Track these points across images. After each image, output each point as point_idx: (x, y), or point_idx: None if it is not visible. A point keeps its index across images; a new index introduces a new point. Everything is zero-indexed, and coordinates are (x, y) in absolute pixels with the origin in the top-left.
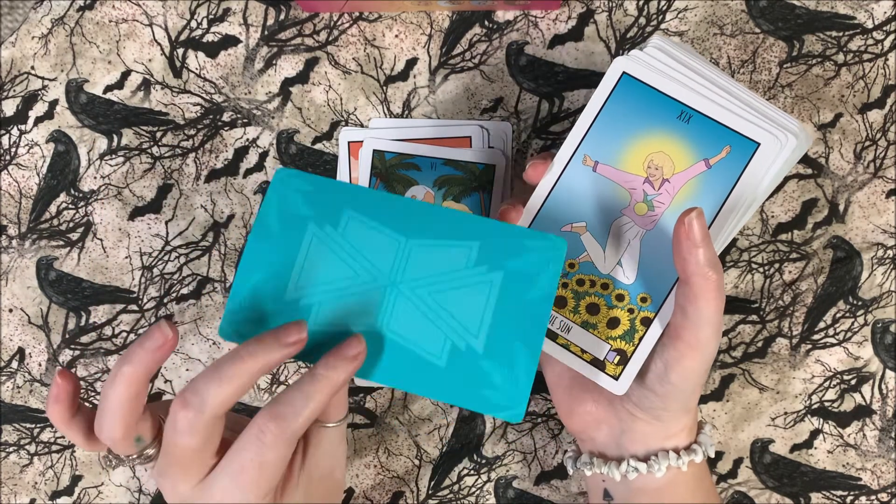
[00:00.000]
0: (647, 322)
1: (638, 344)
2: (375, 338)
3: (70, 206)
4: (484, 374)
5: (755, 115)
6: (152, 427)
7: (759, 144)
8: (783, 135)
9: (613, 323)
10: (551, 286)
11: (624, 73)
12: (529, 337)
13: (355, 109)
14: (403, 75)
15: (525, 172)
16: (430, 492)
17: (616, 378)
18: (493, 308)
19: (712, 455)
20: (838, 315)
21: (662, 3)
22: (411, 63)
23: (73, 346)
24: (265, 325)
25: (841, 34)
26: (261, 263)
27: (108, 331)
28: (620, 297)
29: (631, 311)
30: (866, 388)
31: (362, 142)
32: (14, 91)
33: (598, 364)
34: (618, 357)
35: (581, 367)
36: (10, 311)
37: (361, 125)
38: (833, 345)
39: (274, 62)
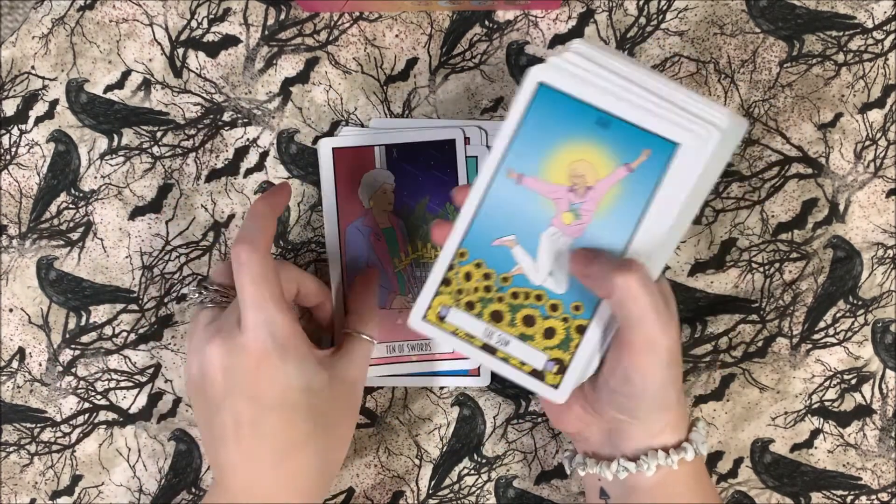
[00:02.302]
0: (581, 330)
1: (574, 352)
2: None
3: (70, 205)
4: None
5: (676, 114)
6: None
7: (677, 145)
8: (705, 131)
9: (550, 333)
10: None
11: (540, 82)
12: None
13: (355, 109)
14: (403, 75)
15: (453, 196)
16: (430, 492)
17: (556, 387)
18: None
19: (705, 452)
20: (838, 315)
21: (662, 3)
22: (411, 63)
23: (73, 346)
24: None
25: (841, 34)
26: None
27: (108, 330)
28: (554, 307)
29: (565, 319)
30: (866, 388)
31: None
32: (14, 91)
33: (538, 375)
34: (556, 366)
35: (522, 380)
36: (11, 310)
37: (362, 125)
38: (833, 344)
39: (274, 62)
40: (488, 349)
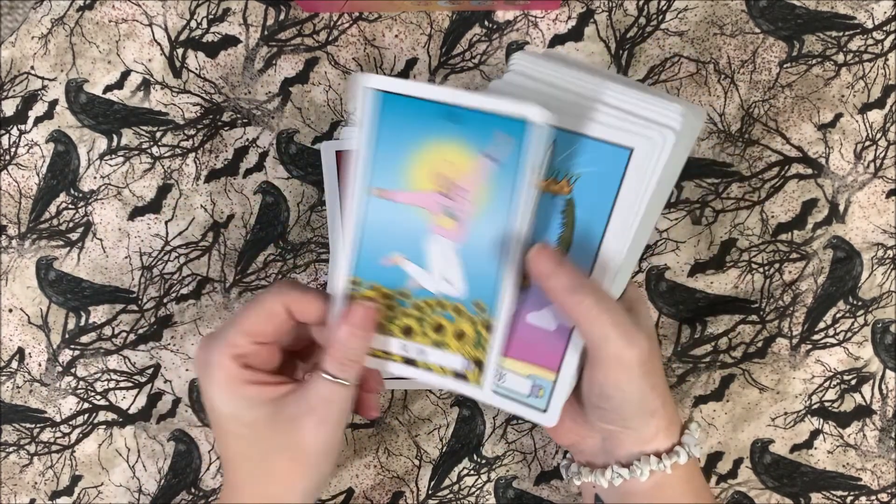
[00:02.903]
0: (488, 326)
1: (488, 348)
2: None
3: (70, 206)
4: None
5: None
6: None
7: (525, 123)
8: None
9: (460, 335)
10: None
11: (373, 89)
12: None
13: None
14: (403, 75)
15: None
16: (430, 492)
17: (480, 385)
18: None
19: (698, 454)
20: (838, 315)
21: (662, 3)
22: (411, 63)
23: (72, 346)
24: None
25: (841, 34)
26: None
27: (107, 331)
28: (458, 310)
29: (472, 320)
30: (866, 389)
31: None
32: (14, 91)
33: (461, 376)
34: (475, 365)
35: (448, 384)
36: (10, 311)
37: None
38: (833, 345)
39: (274, 62)
40: (409, 362)
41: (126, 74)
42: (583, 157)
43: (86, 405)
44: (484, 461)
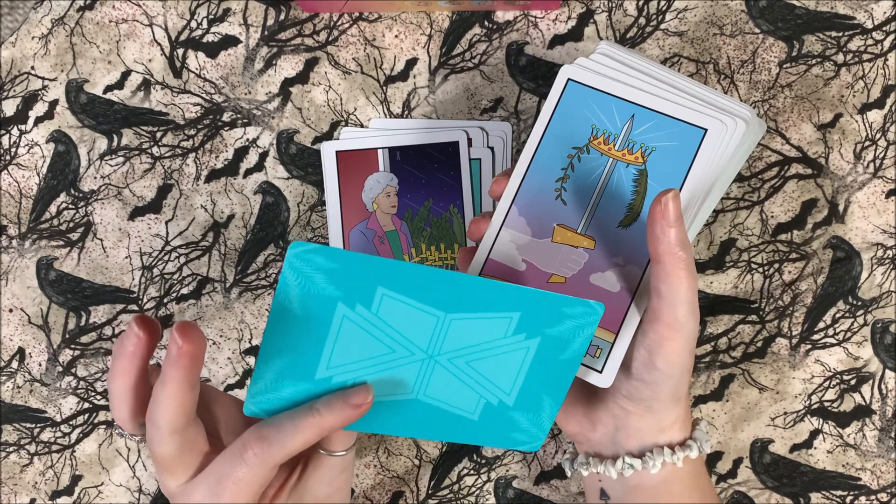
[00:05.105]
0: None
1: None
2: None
3: (70, 206)
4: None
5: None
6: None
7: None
8: None
9: None
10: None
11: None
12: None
13: (355, 109)
14: (403, 75)
15: (490, 189)
16: (429, 492)
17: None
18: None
19: (708, 451)
20: (838, 315)
21: (662, 3)
22: (411, 63)
23: (73, 346)
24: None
25: (841, 34)
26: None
27: (108, 331)
28: None
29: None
30: (866, 389)
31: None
32: (14, 91)
33: None
34: None
35: None
36: (10, 311)
37: (361, 125)
38: (833, 345)
39: (274, 62)
40: None
41: (126, 74)
42: (659, 133)
43: (86, 405)
44: (484, 461)
